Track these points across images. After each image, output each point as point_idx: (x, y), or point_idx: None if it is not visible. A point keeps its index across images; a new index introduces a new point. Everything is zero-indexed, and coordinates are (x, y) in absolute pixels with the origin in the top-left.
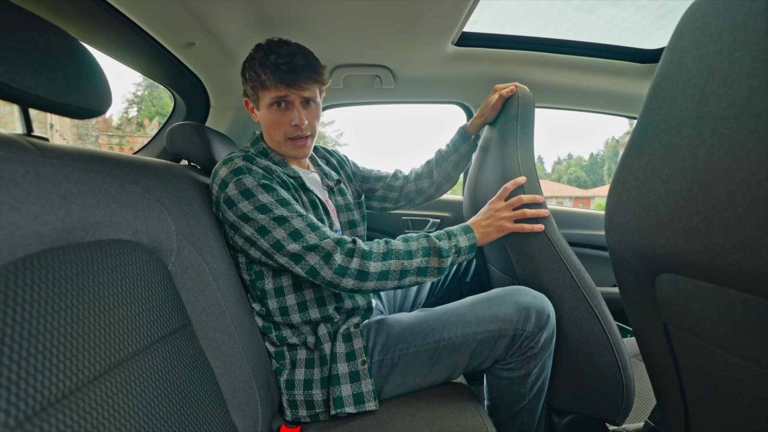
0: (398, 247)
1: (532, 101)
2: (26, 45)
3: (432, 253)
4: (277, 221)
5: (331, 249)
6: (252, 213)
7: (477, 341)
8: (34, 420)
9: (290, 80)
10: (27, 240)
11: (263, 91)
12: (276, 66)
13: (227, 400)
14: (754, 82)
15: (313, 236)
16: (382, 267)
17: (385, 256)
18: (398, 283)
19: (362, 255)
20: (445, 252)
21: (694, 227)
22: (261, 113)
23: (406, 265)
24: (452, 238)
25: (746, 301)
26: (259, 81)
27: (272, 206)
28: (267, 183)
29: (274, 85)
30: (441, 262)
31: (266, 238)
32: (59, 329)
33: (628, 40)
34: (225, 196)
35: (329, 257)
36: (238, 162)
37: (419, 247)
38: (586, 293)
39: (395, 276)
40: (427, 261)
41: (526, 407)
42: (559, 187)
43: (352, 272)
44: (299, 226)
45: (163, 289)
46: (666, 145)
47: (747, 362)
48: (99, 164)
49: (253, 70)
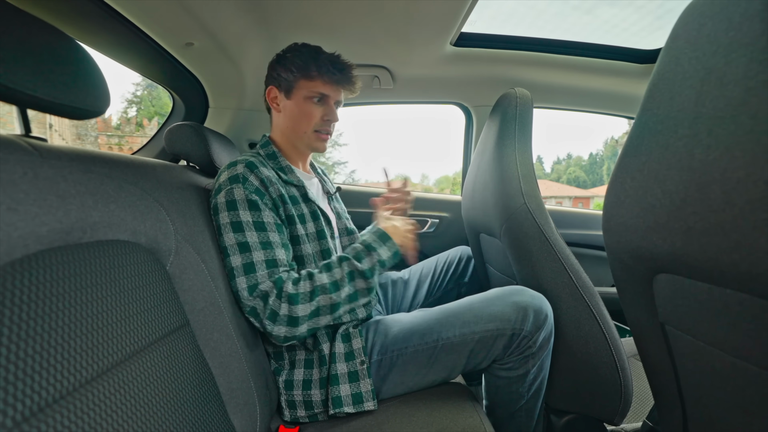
0: (323, 281)
1: (531, 102)
2: (24, 46)
3: (356, 276)
4: (240, 247)
5: (268, 290)
6: (226, 228)
7: (475, 341)
8: (31, 421)
9: (339, 79)
10: (25, 241)
11: (307, 81)
12: (330, 62)
13: (225, 401)
14: (750, 83)
15: (263, 274)
16: (311, 307)
17: (312, 294)
18: (332, 317)
19: (288, 299)
20: (368, 273)
21: (690, 227)
22: (290, 103)
23: (335, 298)
24: (372, 252)
25: (743, 301)
26: (307, 70)
27: (246, 227)
28: (254, 199)
29: (321, 79)
30: (368, 283)
31: (227, 261)
32: (57, 329)
33: (626, 40)
34: (215, 202)
35: (266, 299)
36: (239, 169)
37: (343, 275)
38: (584, 293)
39: (326, 311)
40: (354, 285)
41: (524, 407)
42: (558, 187)
43: (282, 319)
44: (257, 259)
45: (161, 289)
46: (663, 145)
47: (744, 362)
48: (97, 165)
49: (301, 59)
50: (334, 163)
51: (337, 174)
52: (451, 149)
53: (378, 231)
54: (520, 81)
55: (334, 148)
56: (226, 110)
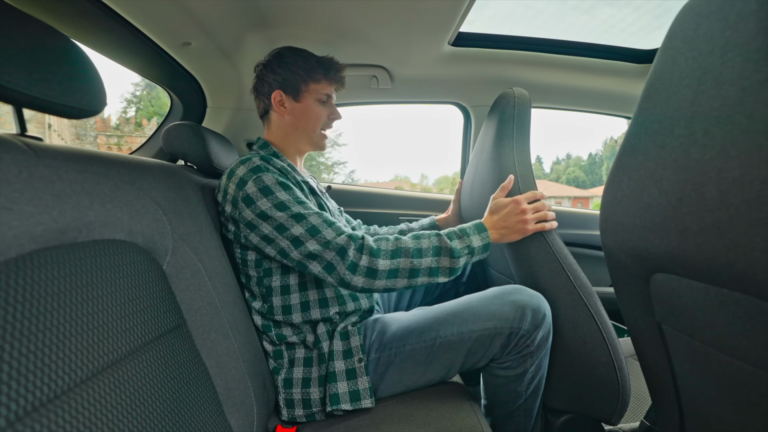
0: (407, 245)
1: (529, 101)
2: (19, 45)
3: (443, 253)
4: (295, 218)
5: (345, 244)
6: (271, 211)
7: (473, 339)
8: (25, 420)
9: (339, 80)
10: (19, 240)
11: (316, 84)
12: (330, 63)
13: (222, 400)
14: (745, 83)
15: (330, 231)
16: (391, 265)
17: (394, 254)
18: (408, 282)
19: (371, 252)
20: (456, 252)
21: (687, 227)
22: (300, 105)
23: (416, 263)
24: (465, 237)
25: (739, 300)
26: (314, 74)
27: (290, 204)
28: (284, 181)
29: (327, 81)
30: (453, 263)
31: (285, 235)
32: (52, 329)
33: (624, 40)
34: (244, 194)
35: (344, 252)
36: (256, 161)
37: (429, 246)
38: (582, 293)
39: (404, 274)
40: (437, 261)
41: (522, 406)
42: (557, 187)
43: (362, 269)
44: (316, 222)
45: (157, 289)
46: (659, 145)
47: (740, 362)
48: (93, 164)
49: (305, 62)
50: (334, 163)
51: (337, 174)
52: (450, 149)
53: (477, 222)
54: (518, 81)
55: (333, 148)
56: (224, 110)
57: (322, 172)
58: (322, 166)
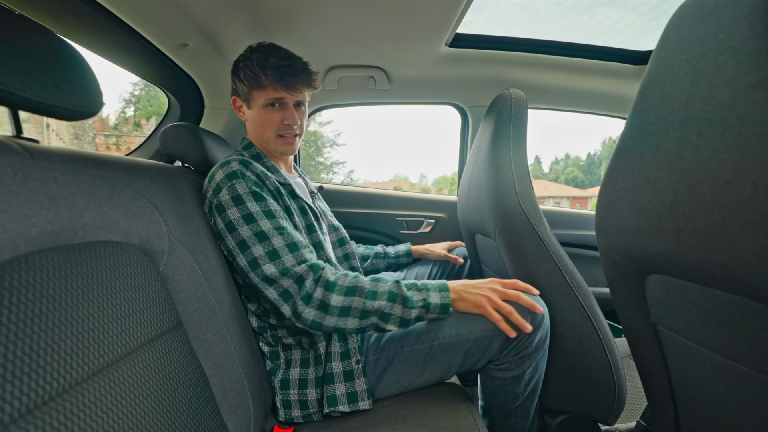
0: (364, 285)
1: (525, 103)
2: (15, 47)
3: (397, 300)
4: (258, 237)
5: (303, 273)
6: (238, 222)
7: (471, 341)
8: (19, 422)
9: (289, 83)
10: (14, 242)
11: (259, 91)
12: (277, 68)
13: (219, 402)
14: (738, 85)
15: (290, 258)
16: (344, 302)
17: (349, 291)
18: (359, 324)
19: (326, 285)
20: (410, 302)
21: (680, 228)
22: (252, 112)
23: (368, 305)
24: (423, 290)
25: (732, 302)
26: (257, 81)
27: (257, 217)
28: (257, 191)
29: (272, 86)
30: (405, 312)
31: (245, 254)
32: (48, 331)
33: (621, 41)
34: (217, 201)
35: (302, 282)
36: (234, 165)
37: (385, 290)
38: (578, 294)
39: (356, 314)
40: (391, 307)
41: (519, 407)
42: (556, 187)
43: (315, 302)
44: (278, 246)
45: (154, 290)
46: (654, 147)
47: (733, 362)
48: (89, 166)
49: (250, 69)
50: (333, 163)
51: (336, 174)
52: (449, 149)
53: (441, 282)
54: (515, 82)
55: (332, 148)
56: (222, 111)
57: (321, 172)
58: (321, 166)
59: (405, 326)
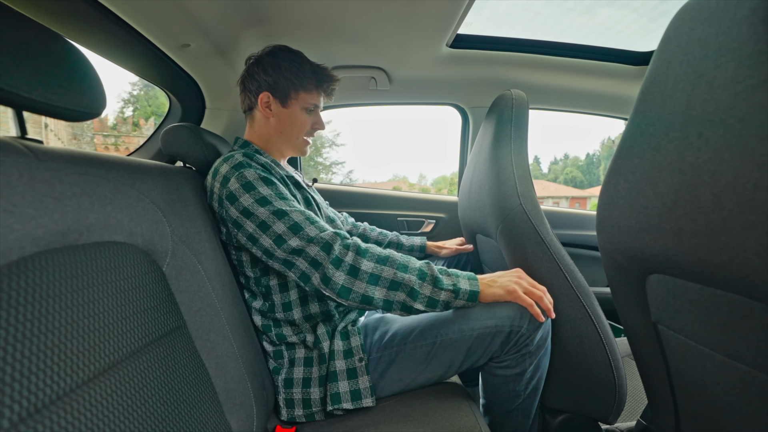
0: (396, 257)
1: (526, 103)
2: (20, 48)
3: (427, 279)
4: (276, 215)
5: (330, 239)
6: (252, 207)
7: (473, 338)
8: (28, 422)
9: (329, 91)
10: (21, 243)
11: (306, 94)
12: (325, 75)
13: (222, 401)
14: (738, 87)
15: (313, 228)
16: (374, 269)
17: (380, 259)
18: (387, 294)
19: (357, 250)
20: (441, 283)
21: (681, 229)
22: (287, 111)
23: (399, 276)
24: (453, 276)
25: (732, 301)
26: (306, 83)
27: (272, 198)
28: (266, 176)
29: (317, 91)
30: (434, 292)
31: (268, 233)
32: (54, 331)
33: (621, 42)
34: (227, 192)
35: (329, 247)
36: (238, 157)
37: (417, 267)
38: (579, 293)
39: (385, 284)
40: (420, 284)
41: (520, 406)
42: (555, 187)
43: (346, 266)
44: (299, 219)
45: (158, 290)
46: (655, 147)
47: (733, 361)
48: (93, 167)
49: (300, 69)
50: (332, 163)
51: (335, 174)
52: (449, 150)
53: (470, 273)
54: (516, 82)
55: (331, 148)
56: (223, 111)
57: (320, 172)
58: (320, 166)
59: (432, 307)
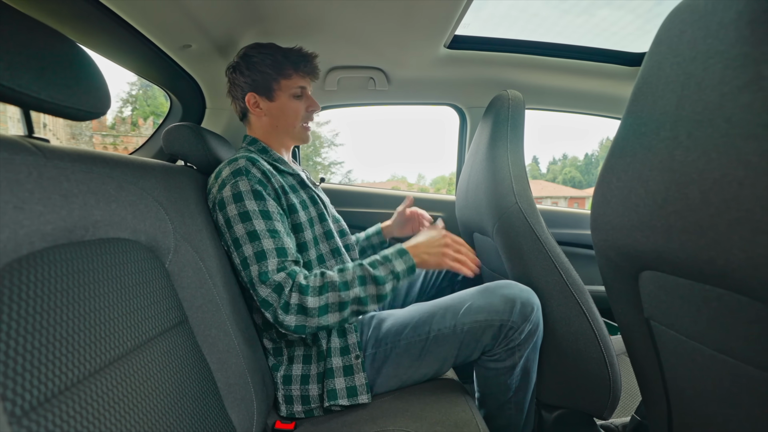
0: (333, 279)
1: (523, 103)
2: (28, 49)
3: (368, 282)
4: (249, 236)
5: (282, 281)
6: (234, 219)
7: (465, 331)
8: (38, 410)
9: (312, 70)
10: (30, 238)
11: (287, 81)
12: (300, 56)
13: (223, 396)
14: (725, 88)
15: (273, 262)
16: (320, 302)
17: (321, 289)
18: (340, 316)
19: (299, 290)
20: (381, 279)
21: (671, 226)
22: (276, 104)
23: (344, 296)
24: (387, 263)
25: (721, 296)
26: (283, 70)
27: (253, 216)
28: (259, 189)
29: (297, 74)
30: (379, 289)
31: (238, 252)
32: (61, 324)
33: (617, 43)
34: (220, 198)
35: (280, 291)
36: (240, 162)
37: (354, 277)
38: (574, 291)
39: (334, 308)
40: (364, 290)
41: (513, 399)
42: (554, 187)
43: (293, 309)
44: (267, 247)
45: (160, 286)
46: (646, 147)
47: (722, 355)
48: (98, 165)
49: (272, 60)
50: (331, 163)
51: (334, 174)
52: (447, 150)
53: (398, 247)
54: (512, 83)
55: (330, 148)
56: (223, 111)
57: (319, 173)
58: (319, 166)
59: (382, 301)
